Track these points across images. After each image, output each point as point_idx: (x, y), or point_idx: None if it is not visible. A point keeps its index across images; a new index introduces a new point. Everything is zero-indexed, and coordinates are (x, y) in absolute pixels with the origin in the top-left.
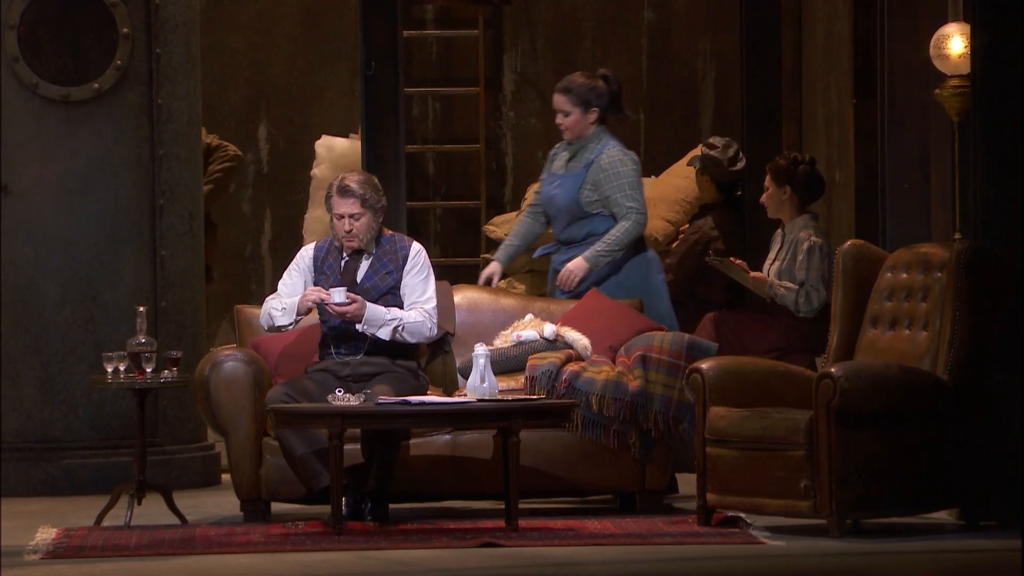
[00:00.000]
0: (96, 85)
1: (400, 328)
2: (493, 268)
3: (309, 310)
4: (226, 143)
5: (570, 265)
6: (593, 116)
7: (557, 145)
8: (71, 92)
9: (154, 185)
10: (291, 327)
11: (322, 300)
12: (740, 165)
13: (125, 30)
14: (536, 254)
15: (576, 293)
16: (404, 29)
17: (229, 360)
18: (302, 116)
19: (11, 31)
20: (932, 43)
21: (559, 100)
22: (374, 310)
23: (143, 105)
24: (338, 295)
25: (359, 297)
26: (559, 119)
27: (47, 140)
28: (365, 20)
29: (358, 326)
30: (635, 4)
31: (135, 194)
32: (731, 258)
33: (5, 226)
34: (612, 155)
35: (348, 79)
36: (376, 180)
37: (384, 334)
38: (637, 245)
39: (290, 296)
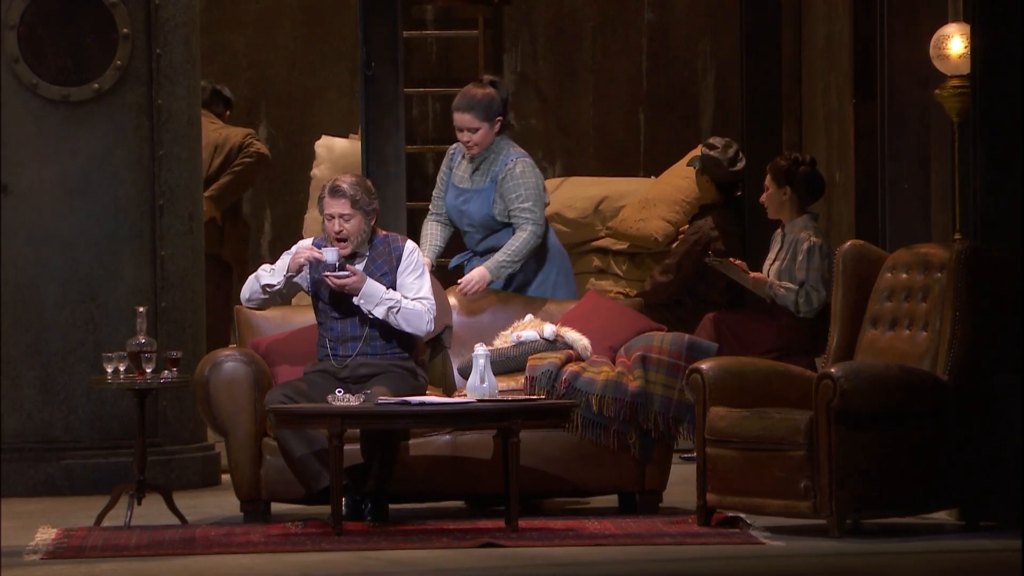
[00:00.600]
0: (96, 85)
1: (396, 310)
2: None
3: (300, 268)
4: (255, 141)
5: (474, 274)
6: (497, 126)
7: (454, 147)
8: (71, 92)
9: (154, 185)
10: (277, 287)
11: (314, 259)
12: (740, 165)
13: (125, 30)
14: (452, 265)
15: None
16: (404, 29)
17: (229, 360)
18: (302, 116)
19: (11, 31)
20: (932, 43)
21: (465, 118)
22: (372, 285)
23: (143, 105)
24: (331, 254)
25: (358, 270)
26: (466, 136)
27: (47, 140)
28: (365, 20)
29: (354, 299)
30: (635, 4)
31: (135, 194)
32: (731, 259)
33: (5, 226)
34: (520, 164)
35: (348, 79)
36: (369, 183)
37: (380, 312)
38: (539, 252)
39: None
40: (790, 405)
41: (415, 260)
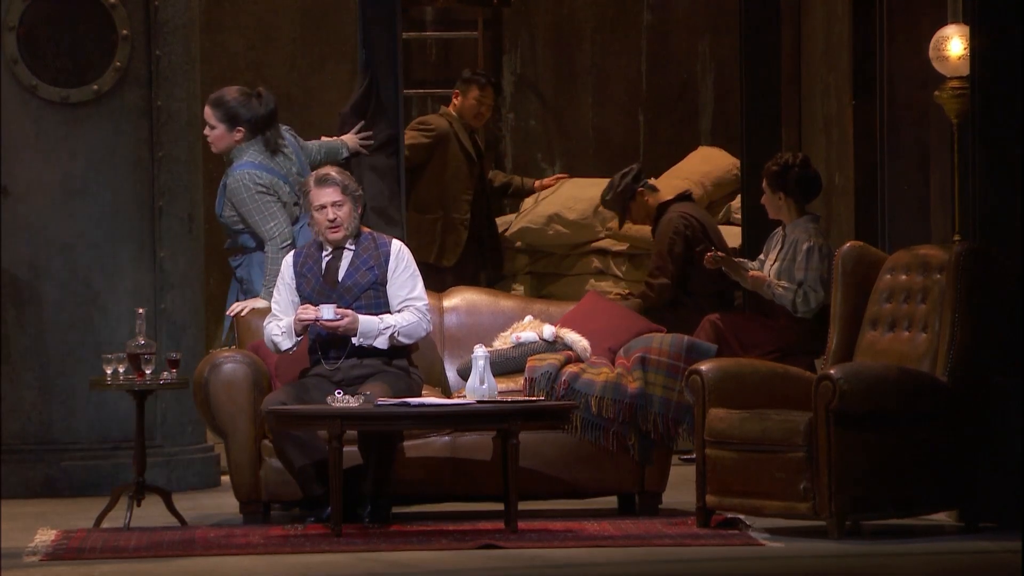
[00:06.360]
0: (95, 87)
1: (396, 334)
2: None
3: (306, 328)
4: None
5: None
6: (239, 135)
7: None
8: (70, 94)
9: (153, 187)
10: (295, 349)
11: (313, 320)
12: (628, 180)
13: (124, 31)
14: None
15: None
16: (404, 31)
17: (228, 362)
18: (301, 118)
19: (10, 33)
20: (931, 45)
21: (207, 113)
22: (367, 322)
23: (142, 107)
24: (327, 311)
25: (350, 311)
26: (206, 131)
27: (46, 142)
28: (365, 21)
29: (354, 340)
30: (634, 6)
31: (134, 196)
32: (719, 253)
33: (5, 228)
34: (237, 177)
35: (348, 81)
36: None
37: (381, 343)
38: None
39: (284, 314)
40: (789, 406)
41: (405, 259)
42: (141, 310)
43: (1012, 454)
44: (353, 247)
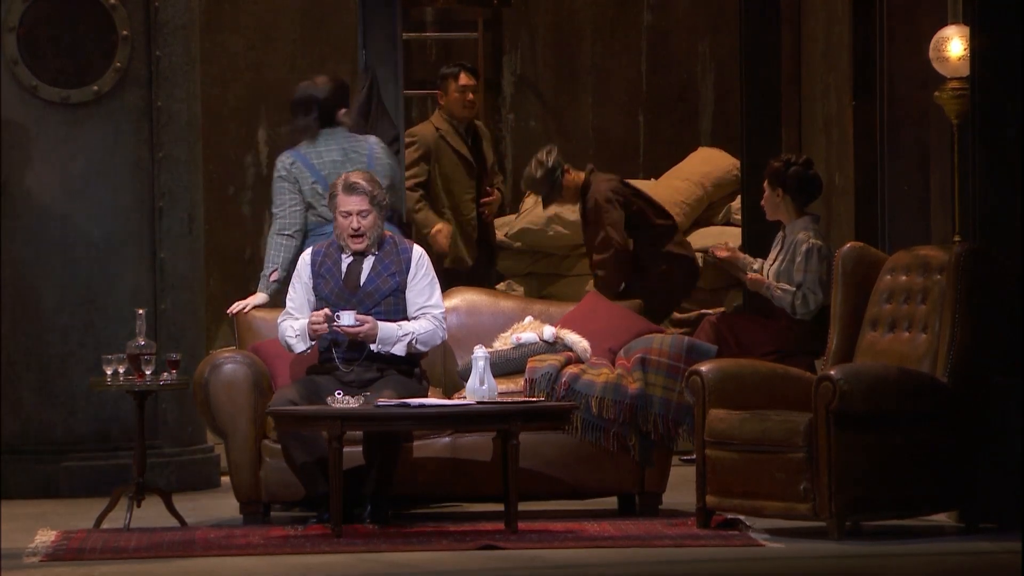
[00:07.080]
0: (95, 87)
1: (414, 341)
2: None
3: (320, 334)
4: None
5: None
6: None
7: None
8: (70, 94)
9: (154, 187)
10: (307, 351)
11: (332, 327)
12: (551, 162)
13: (124, 32)
14: None
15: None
16: (404, 31)
17: (228, 363)
18: None
19: (11, 33)
20: (931, 45)
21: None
22: (386, 328)
23: (142, 107)
24: (347, 318)
25: (370, 318)
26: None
27: (47, 142)
28: (365, 22)
29: (372, 346)
30: (634, 6)
31: (134, 196)
32: (724, 249)
33: (5, 228)
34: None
35: (348, 81)
36: (378, 179)
37: (399, 350)
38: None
39: (298, 312)
40: (789, 407)
41: (425, 265)
42: (141, 311)
43: (1012, 454)
44: (376, 252)
